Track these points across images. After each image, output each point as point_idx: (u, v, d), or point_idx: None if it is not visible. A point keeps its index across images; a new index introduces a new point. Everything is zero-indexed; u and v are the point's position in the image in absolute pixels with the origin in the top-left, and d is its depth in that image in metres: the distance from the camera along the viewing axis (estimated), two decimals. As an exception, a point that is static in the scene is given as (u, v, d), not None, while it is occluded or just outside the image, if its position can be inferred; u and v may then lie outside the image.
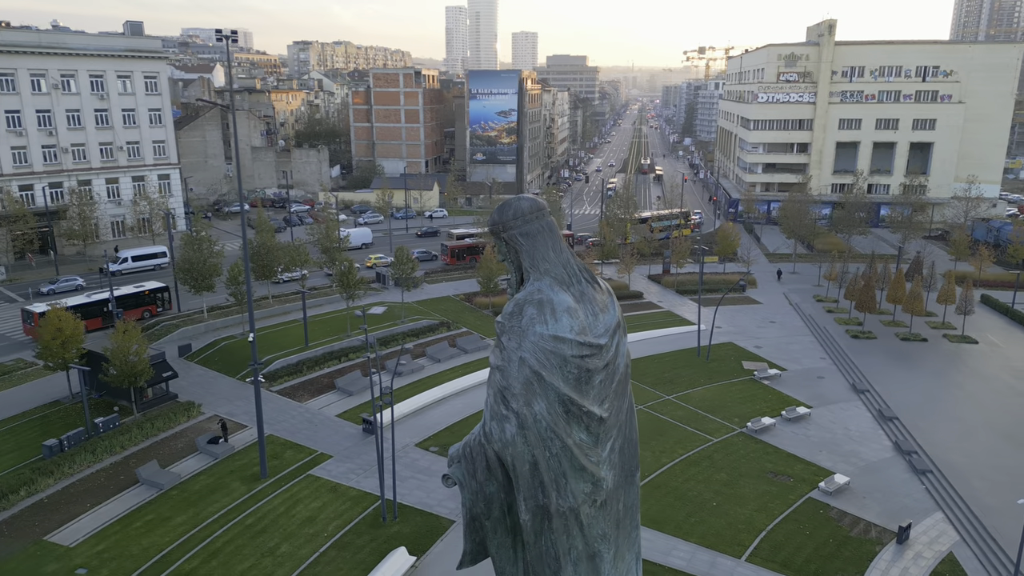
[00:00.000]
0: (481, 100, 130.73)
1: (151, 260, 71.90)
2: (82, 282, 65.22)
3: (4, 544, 30.20)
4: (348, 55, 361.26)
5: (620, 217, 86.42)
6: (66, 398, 43.24)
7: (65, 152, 75.07)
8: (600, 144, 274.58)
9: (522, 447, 10.98)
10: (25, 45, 71.30)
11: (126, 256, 71.34)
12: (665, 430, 42.42)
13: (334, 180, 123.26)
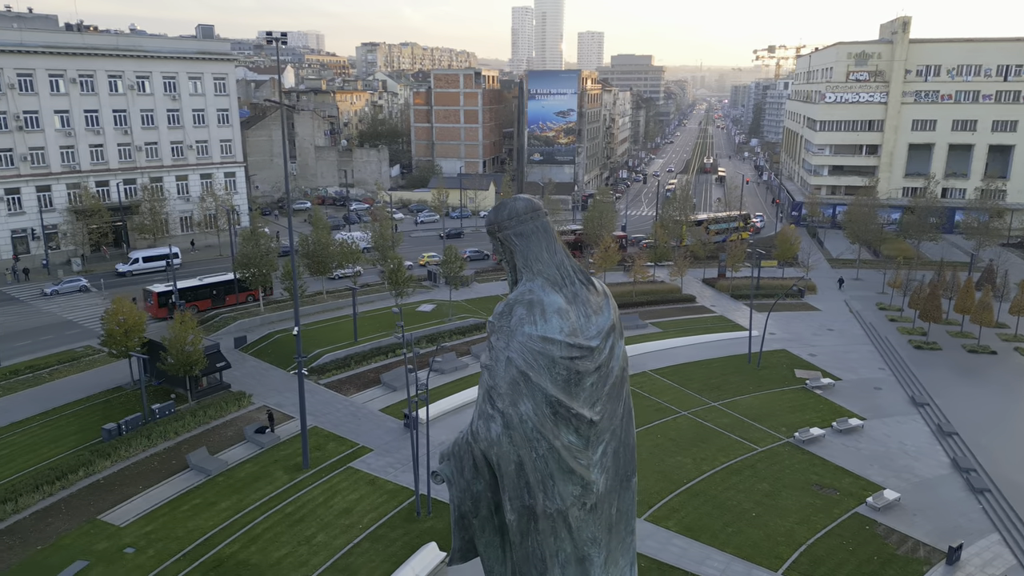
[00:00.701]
0: (540, 100, 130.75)
1: (163, 261, 71.48)
2: (86, 283, 65.49)
3: (62, 521, 31.95)
4: (414, 56, 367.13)
5: (676, 219, 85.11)
6: (128, 384, 45.40)
7: (139, 150, 78.81)
8: (663, 144, 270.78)
9: (507, 447, 10.99)
10: (104, 48, 75.23)
11: (137, 257, 72.03)
12: (708, 437, 41.57)
13: (393, 179, 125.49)
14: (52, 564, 29.10)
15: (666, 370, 51.39)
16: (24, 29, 72.17)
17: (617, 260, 69.86)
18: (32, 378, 46.28)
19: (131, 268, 71.19)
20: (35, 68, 70.11)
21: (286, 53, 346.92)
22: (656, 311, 65.13)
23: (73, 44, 73.09)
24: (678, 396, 47.18)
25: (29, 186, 71.55)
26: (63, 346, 51.91)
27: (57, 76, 71.89)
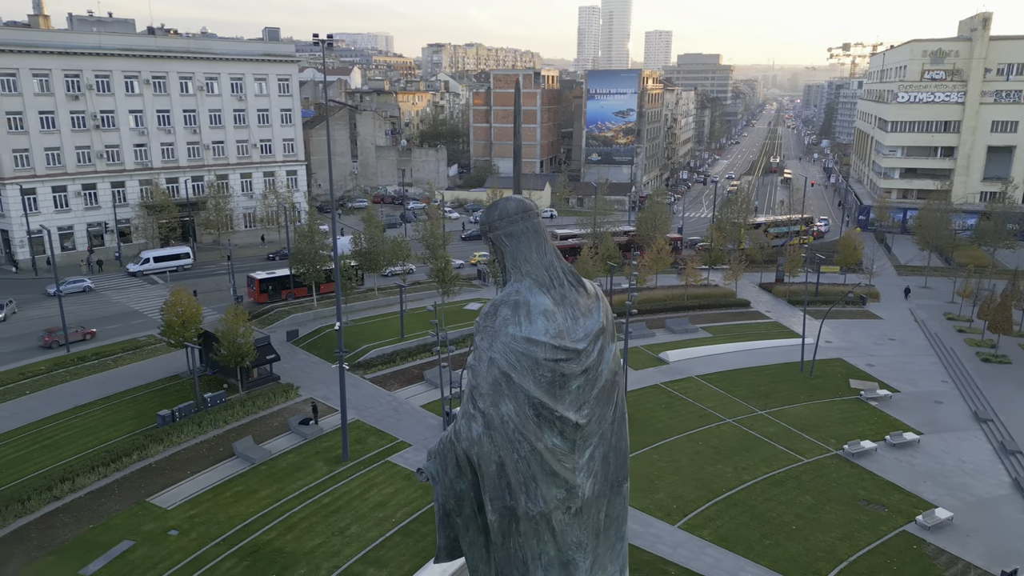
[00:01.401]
0: (599, 100, 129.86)
1: (174, 261, 72.32)
2: (89, 283, 65.36)
3: (114, 502, 33.57)
4: (479, 57, 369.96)
5: (734, 222, 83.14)
6: (184, 373, 47.30)
7: (207, 148, 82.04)
8: (728, 145, 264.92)
9: (488, 447, 10.98)
10: (177, 51, 78.61)
11: (148, 257, 71.78)
12: (752, 446, 40.51)
13: (451, 179, 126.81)
14: (102, 542, 30.61)
15: (713, 376, 50.33)
16: (103, 33, 76.13)
17: (669, 263, 68.77)
18: (98, 364, 48.75)
19: (142, 268, 71.05)
20: (112, 70, 73.81)
21: (354, 55, 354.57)
22: (707, 315, 63.83)
23: (147, 47, 76.65)
24: (723, 403, 46.13)
25: (104, 182, 75.39)
26: (128, 335, 54.49)
27: (132, 77, 75.51)
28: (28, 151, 69.86)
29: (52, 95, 70.45)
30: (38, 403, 42.96)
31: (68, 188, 73.13)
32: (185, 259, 73.11)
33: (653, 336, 58.36)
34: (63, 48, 70.65)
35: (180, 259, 72.81)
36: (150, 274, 70.85)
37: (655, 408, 45.19)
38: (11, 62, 67.56)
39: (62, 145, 71.94)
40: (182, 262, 72.78)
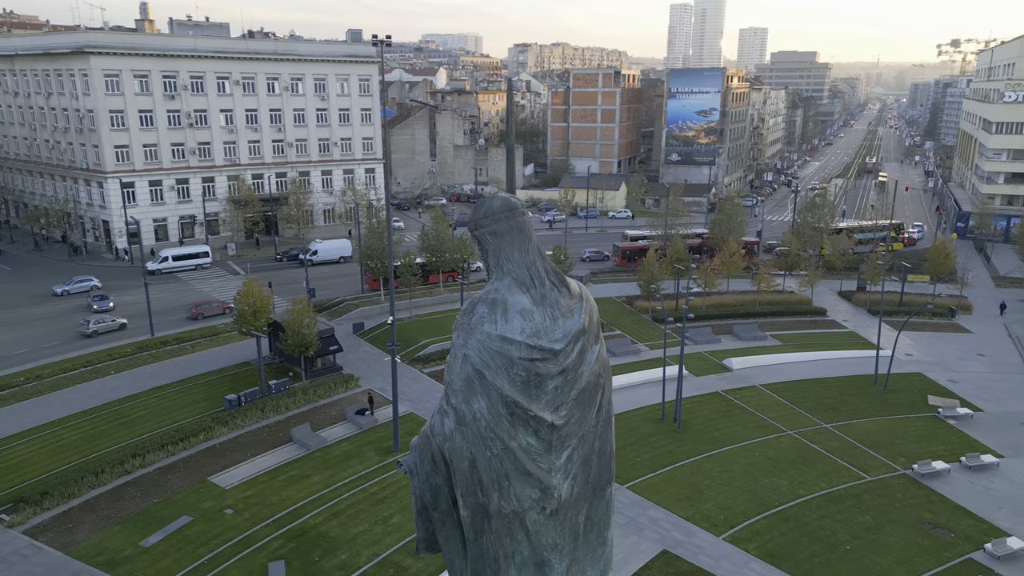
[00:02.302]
0: (680, 99, 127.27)
1: (193, 260, 72.88)
2: (97, 282, 65.01)
3: (178, 479, 35.58)
4: (564, 56, 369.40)
5: (815, 226, 79.78)
6: (254, 360, 49.55)
7: (290, 146, 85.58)
8: (821, 147, 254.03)
9: (460, 443, 11.06)
10: (265, 53, 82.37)
11: (167, 255, 72.18)
12: (812, 460, 38.86)
13: (526, 178, 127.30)
14: (163, 516, 32.52)
15: (778, 386, 48.54)
16: (198, 36, 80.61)
17: (742, 267, 66.72)
18: (177, 349, 51.74)
19: (160, 266, 71.10)
20: (205, 71, 78.07)
21: (443, 56, 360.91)
22: (779, 323, 61.56)
23: (238, 49, 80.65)
24: (786, 414, 44.43)
25: (196, 177, 79.86)
26: (207, 322, 57.55)
27: (223, 78, 79.62)
28: (128, 147, 74.82)
29: (151, 95, 75.18)
30: (121, 383, 46.01)
31: (163, 182, 77.89)
32: (204, 258, 73.56)
33: (719, 342, 56.81)
34: (161, 51, 75.28)
35: (199, 258, 73.40)
36: (168, 272, 71.14)
37: (712, 416, 44.02)
38: (115, 64, 72.54)
39: (159, 142, 76.67)
40: (201, 261, 73.27)
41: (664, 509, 33.97)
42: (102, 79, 72.13)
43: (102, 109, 72.40)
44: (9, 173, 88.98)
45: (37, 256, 78.10)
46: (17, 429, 39.90)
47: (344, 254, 77.91)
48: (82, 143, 76.03)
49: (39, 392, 44.28)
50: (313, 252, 75.15)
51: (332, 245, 78.26)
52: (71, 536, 30.97)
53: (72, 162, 78.15)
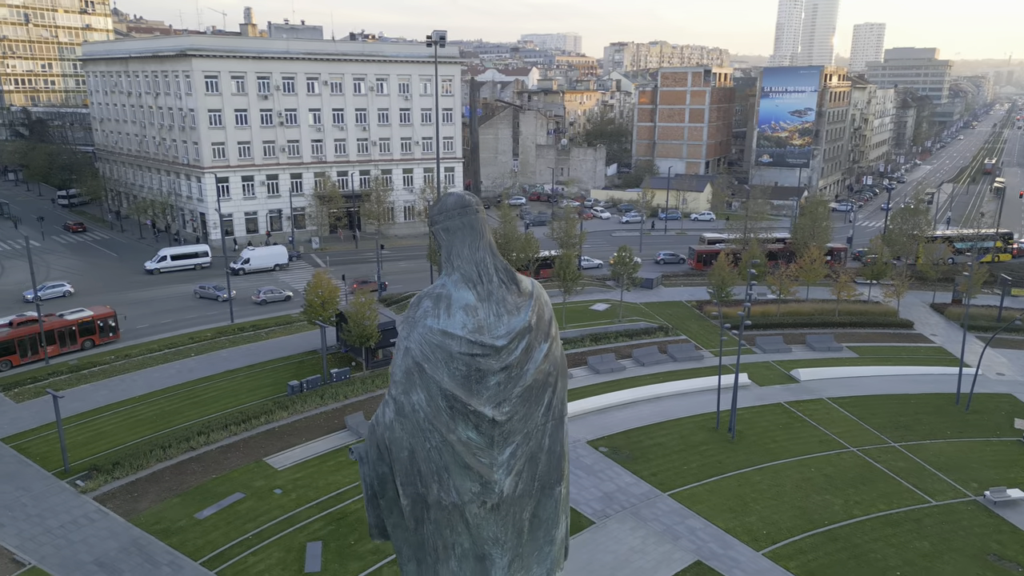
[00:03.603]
0: (774, 99, 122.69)
1: (192, 260, 72.85)
2: (69, 288, 63.40)
3: (237, 458, 37.62)
4: (662, 55, 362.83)
5: (911, 233, 75.05)
6: (320, 349, 51.68)
7: (374, 145, 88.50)
8: (935, 149, 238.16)
9: (400, 433, 11.33)
10: (352, 54, 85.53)
11: (166, 255, 71.93)
12: (872, 479, 36.82)
13: (609, 178, 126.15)
14: (218, 492, 34.54)
15: (847, 400, 46.19)
16: (291, 39, 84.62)
17: (822, 274, 63.69)
18: (253, 335, 54.63)
19: (159, 266, 71.08)
20: (296, 72, 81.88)
21: (538, 56, 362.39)
22: (858, 334, 58.46)
23: (327, 51, 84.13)
24: (852, 430, 42.24)
25: (285, 173, 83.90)
26: (283, 311, 60.43)
27: (313, 79, 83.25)
28: (224, 144, 79.52)
29: (246, 95, 79.59)
30: (199, 364, 49.08)
31: (255, 178, 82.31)
32: (203, 257, 73.39)
33: (789, 352, 54.56)
34: (257, 53, 79.55)
35: (198, 257, 73.29)
36: (167, 272, 71.27)
37: (770, 428, 42.41)
38: (214, 66, 77.25)
39: (252, 140, 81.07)
40: (200, 260, 73.18)
41: (704, 519, 33.10)
42: (203, 80, 76.98)
43: (202, 108, 77.27)
44: (121, 167, 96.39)
45: (141, 244, 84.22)
46: (104, 403, 43.34)
47: (279, 262, 73.69)
48: (184, 140, 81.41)
49: (126, 370, 47.90)
50: (245, 260, 72.55)
51: (266, 252, 74.41)
52: (135, 504, 33.41)
53: (175, 158, 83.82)
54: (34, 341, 49.01)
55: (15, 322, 50.14)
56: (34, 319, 49.49)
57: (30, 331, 48.96)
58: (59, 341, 50.36)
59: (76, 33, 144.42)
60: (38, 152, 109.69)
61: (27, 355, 48.82)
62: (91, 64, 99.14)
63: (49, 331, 49.72)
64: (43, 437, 38.52)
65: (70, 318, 51.57)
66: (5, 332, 48.71)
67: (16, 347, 48.20)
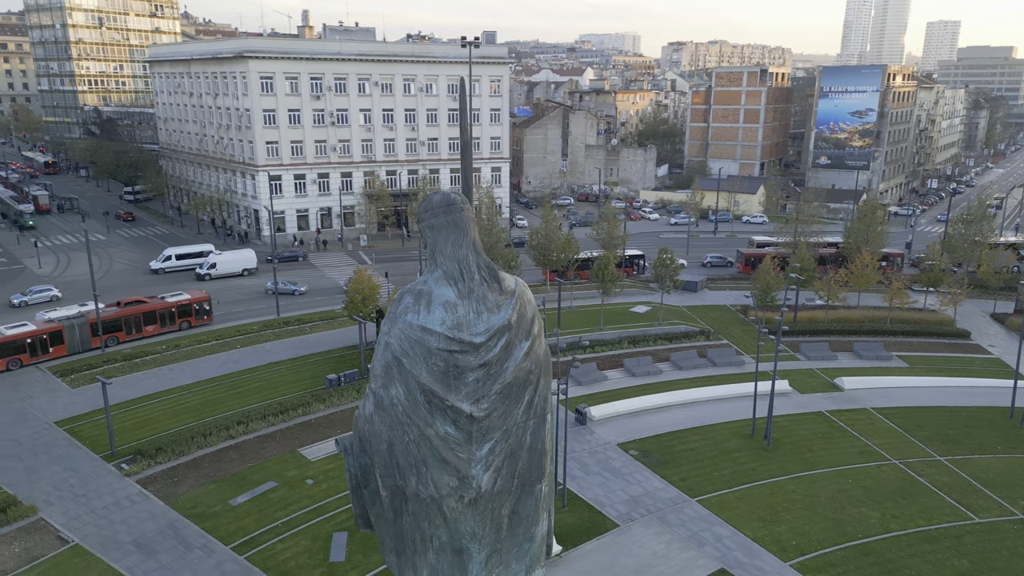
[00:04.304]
0: (833, 99, 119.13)
1: (196, 259, 72.07)
2: (56, 292, 62.56)
3: (273, 447, 38.70)
4: (721, 54, 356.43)
5: (972, 240, 71.85)
6: (361, 344, 52.69)
7: (422, 144, 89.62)
8: (1010, 152, 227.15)
9: (379, 426, 11.56)
10: (403, 55, 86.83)
11: (170, 255, 71.77)
12: (913, 494, 35.49)
13: (659, 179, 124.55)
14: (253, 479, 35.61)
15: (893, 410, 44.61)
16: (344, 40, 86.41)
17: (874, 280, 61.59)
18: (297, 329, 56.05)
19: (163, 265, 70.80)
20: (348, 73, 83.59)
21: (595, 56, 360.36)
22: (910, 343, 56.35)
23: (378, 52, 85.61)
24: (895, 442, 40.79)
25: (335, 172, 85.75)
26: (328, 306, 61.77)
27: (364, 80, 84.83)
28: (277, 144, 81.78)
29: (299, 95, 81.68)
30: (243, 356, 50.66)
31: (306, 176, 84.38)
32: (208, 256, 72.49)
33: (835, 359, 52.98)
34: (310, 55, 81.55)
35: (203, 257, 72.28)
36: (172, 272, 71.14)
37: (808, 436, 41.30)
38: (269, 67, 79.53)
39: (304, 139, 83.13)
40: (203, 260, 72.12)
41: (732, 527, 32.49)
42: (258, 81, 79.33)
43: (257, 108, 79.65)
44: (182, 164, 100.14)
45: (199, 239, 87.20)
46: (152, 391, 45.18)
47: (248, 266, 71.75)
48: (240, 139, 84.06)
49: (175, 360, 49.81)
50: (212, 265, 70.17)
51: (233, 257, 72.21)
52: (174, 489, 34.74)
53: (231, 156, 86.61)
54: (138, 320, 53.80)
55: (122, 302, 54.61)
56: (139, 300, 55.15)
57: (135, 311, 53.89)
58: (159, 321, 54.82)
59: (146, 36, 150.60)
60: (106, 150, 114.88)
61: (132, 332, 53.52)
62: (156, 66, 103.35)
63: (151, 312, 54.46)
64: (94, 422, 40.40)
65: (170, 300, 55.92)
66: (113, 311, 53.26)
67: (123, 325, 53.10)
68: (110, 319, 52.38)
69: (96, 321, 51.26)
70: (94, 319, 51.50)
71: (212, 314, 57.29)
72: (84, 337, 51.31)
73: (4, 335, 48.30)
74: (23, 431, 39.75)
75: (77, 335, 51.03)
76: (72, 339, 50.75)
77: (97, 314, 51.17)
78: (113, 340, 52.50)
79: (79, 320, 51.38)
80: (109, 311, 52.92)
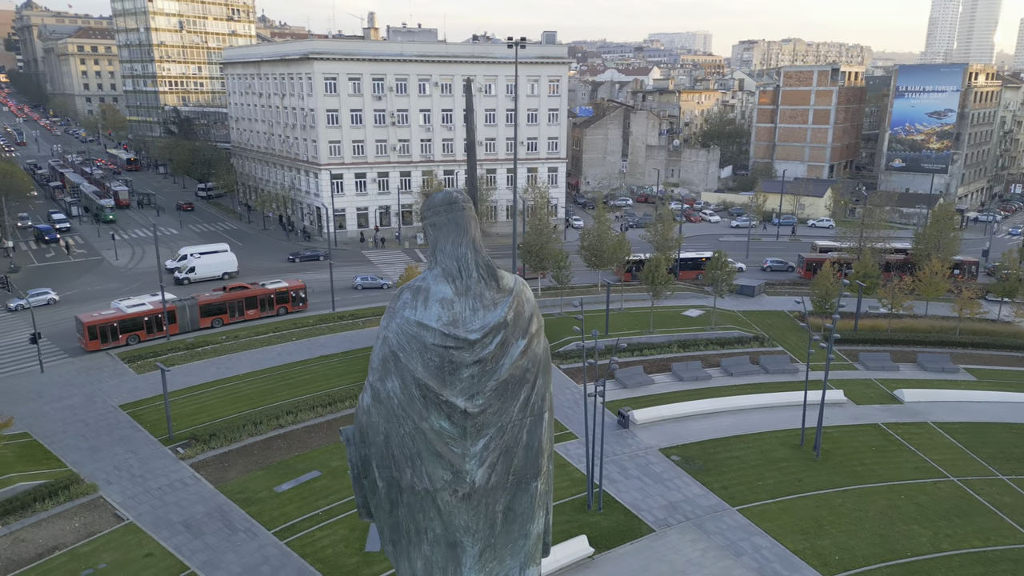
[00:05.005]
0: (909, 99, 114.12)
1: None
2: (54, 295, 62.43)
3: (319, 437, 39.80)
4: (795, 52, 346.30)
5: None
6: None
7: (479, 144, 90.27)
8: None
9: (376, 418, 11.83)
10: (462, 56, 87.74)
11: (186, 254, 71.45)
12: (970, 513, 33.82)
13: (722, 180, 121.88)
14: (298, 468, 36.75)
15: (955, 426, 42.56)
16: (405, 42, 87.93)
17: (944, 289, 58.89)
18: (351, 323, 57.44)
19: (179, 264, 70.46)
20: (409, 74, 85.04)
21: (663, 55, 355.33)
22: (980, 356, 53.71)
23: (438, 53, 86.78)
24: (955, 458, 38.92)
25: (395, 171, 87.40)
26: (384, 302, 63.05)
27: (424, 80, 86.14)
28: (339, 143, 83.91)
29: (361, 96, 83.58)
30: (298, 349, 52.25)
31: (367, 175, 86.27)
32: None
33: (896, 370, 50.90)
34: (373, 56, 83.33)
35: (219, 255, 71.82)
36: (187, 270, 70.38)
37: (861, 449, 39.83)
38: (333, 68, 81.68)
39: (365, 139, 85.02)
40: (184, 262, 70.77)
41: (772, 538, 31.68)
42: (322, 82, 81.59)
43: (321, 108, 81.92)
44: (251, 162, 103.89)
45: (264, 235, 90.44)
46: (210, 379, 47.11)
47: (228, 269, 69.80)
48: (304, 138, 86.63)
49: (234, 350, 51.78)
50: (190, 269, 68.78)
51: (213, 260, 70.28)
52: (224, 474, 36.18)
53: (296, 155, 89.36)
54: (241, 305, 57.72)
55: (228, 288, 59.04)
56: (242, 286, 59.55)
57: (238, 296, 58.03)
58: (260, 306, 58.49)
59: (223, 39, 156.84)
60: (182, 148, 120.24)
61: (235, 316, 57.41)
62: (230, 67, 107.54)
63: (252, 297, 58.30)
64: (155, 406, 42.38)
65: (270, 287, 59.62)
66: (219, 295, 57.66)
67: (227, 308, 57.13)
68: (216, 302, 56.74)
69: (207, 303, 56.19)
70: (203, 301, 56.19)
71: (307, 302, 60.45)
72: (194, 317, 55.59)
73: (125, 313, 52.94)
74: (91, 413, 42.10)
75: (188, 315, 55.40)
76: (183, 319, 55.13)
77: (163, 304, 53.69)
78: (218, 322, 56.51)
79: (190, 302, 55.91)
80: (215, 295, 57.61)
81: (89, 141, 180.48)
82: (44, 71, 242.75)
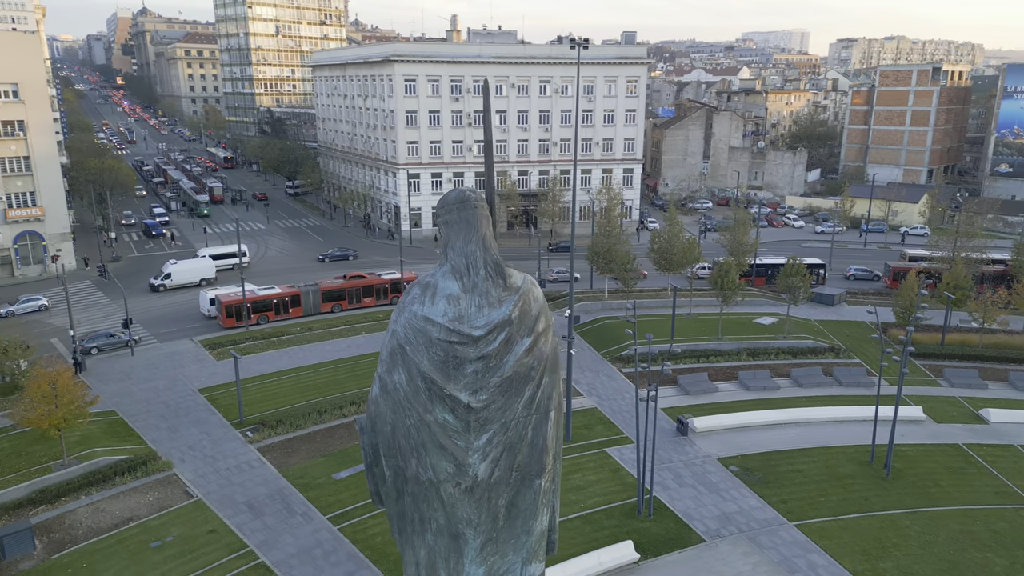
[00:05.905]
0: (1019, 100, 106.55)
1: (230, 259, 70.82)
2: (46, 301, 60.67)
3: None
4: (898, 51, 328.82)
5: None
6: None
7: (554, 145, 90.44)
8: None
9: (384, 409, 12.23)
10: (539, 57, 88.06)
11: (205, 255, 71.50)
12: (1052, 544, 31.37)
13: (810, 184, 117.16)
14: (357, 457, 37.63)
15: (1047, 450, 39.55)
16: (484, 44, 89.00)
17: (1044, 303, 54.77)
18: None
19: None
20: (484, 75, 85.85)
21: (755, 54, 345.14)
22: (1082, 376, 49.49)
23: (515, 55, 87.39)
24: (1036, 483, 36.19)
25: (470, 171, 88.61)
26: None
27: (501, 82, 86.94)
28: (417, 143, 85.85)
29: (439, 97, 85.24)
30: (367, 341, 53.77)
31: (443, 175, 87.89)
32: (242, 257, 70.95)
33: (984, 388, 47.78)
34: (451, 58, 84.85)
35: (234, 257, 70.58)
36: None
37: (937, 469, 37.63)
38: (413, 70, 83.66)
39: (442, 139, 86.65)
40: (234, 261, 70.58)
41: (830, 557, 30.41)
42: (402, 83, 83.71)
43: (400, 109, 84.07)
44: (335, 161, 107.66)
45: (345, 232, 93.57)
46: (283, 367, 49.23)
47: (206, 276, 68.04)
48: (384, 138, 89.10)
49: (307, 341, 53.89)
50: (166, 276, 66.88)
51: (190, 266, 68.59)
52: (287, 459, 37.78)
53: (376, 154, 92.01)
54: (359, 292, 61.78)
55: (347, 276, 63.43)
56: (360, 275, 63.71)
57: (357, 284, 62.24)
58: (375, 295, 62.31)
59: (315, 43, 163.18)
60: (273, 146, 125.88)
61: (352, 302, 61.40)
62: (318, 69, 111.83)
63: (369, 286, 62.56)
64: (230, 392, 44.58)
65: (385, 277, 63.89)
66: (339, 283, 61.98)
67: (346, 295, 61.29)
68: (336, 289, 60.95)
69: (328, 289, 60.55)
70: (325, 287, 60.55)
71: None
72: (316, 302, 59.70)
73: (257, 295, 57.55)
74: (172, 395, 44.81)
75: (311, 300, 59.49)
76: (307, 303, 59.29)
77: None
78: (338, 307, 60.56)
79: (313, 288, 60.04)
80: (336, 282, 62.03)
81: (192, 140, 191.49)
82: (155, 74, 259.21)
